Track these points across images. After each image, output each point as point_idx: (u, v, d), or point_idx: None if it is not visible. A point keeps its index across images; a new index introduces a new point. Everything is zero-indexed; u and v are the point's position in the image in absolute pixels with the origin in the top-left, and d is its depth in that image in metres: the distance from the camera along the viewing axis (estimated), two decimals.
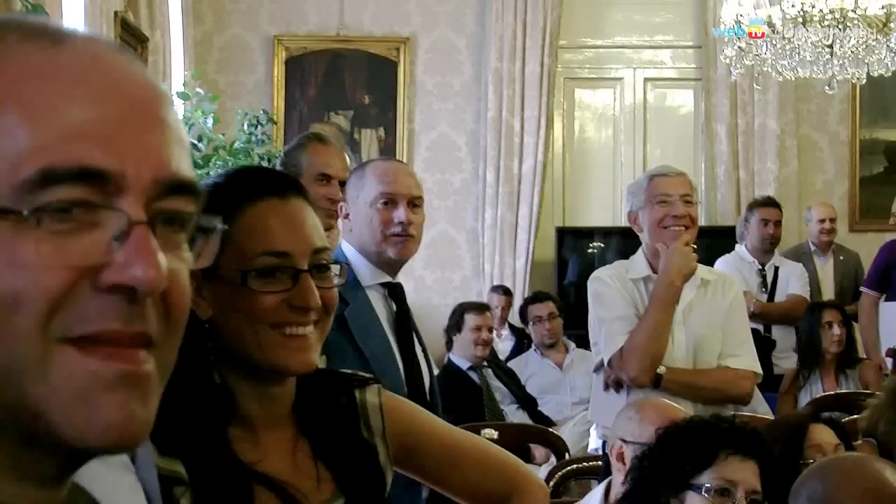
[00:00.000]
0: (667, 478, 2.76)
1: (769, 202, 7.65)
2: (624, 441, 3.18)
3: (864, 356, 6.56)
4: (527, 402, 6.72)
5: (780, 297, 7.27)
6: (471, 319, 6.64)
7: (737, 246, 7.47)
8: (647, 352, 4.18)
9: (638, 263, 4.40)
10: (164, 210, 0.86)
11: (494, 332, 7.64)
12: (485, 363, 6.76)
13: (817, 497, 2.23)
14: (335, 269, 1.80)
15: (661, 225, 4.21)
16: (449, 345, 6.82)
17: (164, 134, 0.87)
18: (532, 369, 7.17)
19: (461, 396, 6.32)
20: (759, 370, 4.47)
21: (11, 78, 0.84)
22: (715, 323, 4.39)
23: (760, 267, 7.31)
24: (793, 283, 7.37)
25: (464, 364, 6.64)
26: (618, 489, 3.15)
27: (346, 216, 3.57)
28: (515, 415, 6.60)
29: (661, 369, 4.25)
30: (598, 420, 4.77)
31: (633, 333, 4.21)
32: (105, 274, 0.83)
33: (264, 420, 1.82)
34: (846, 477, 2.27)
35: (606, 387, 4.34)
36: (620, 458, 3.17)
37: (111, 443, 0.86)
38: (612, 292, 4.39)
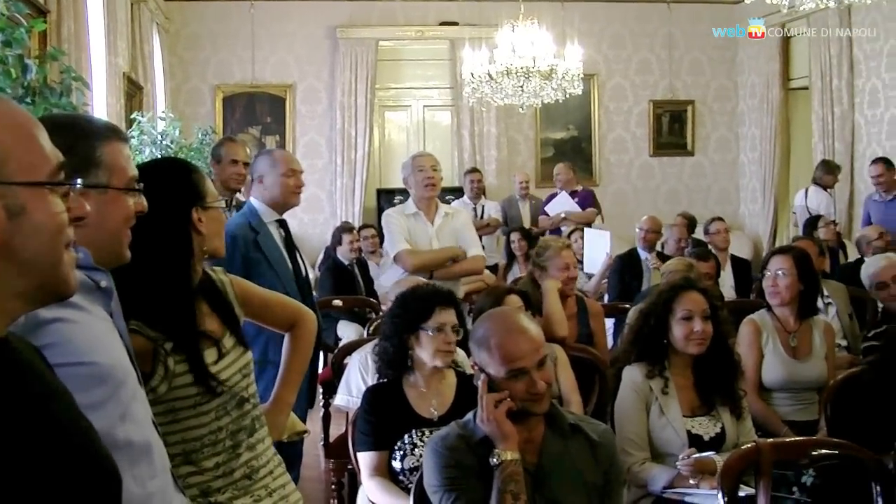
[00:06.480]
0: (407, 325, 3.29)
1: (474, 170, 10.02)
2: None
3: None
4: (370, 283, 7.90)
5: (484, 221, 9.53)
6: (346, 237, 8.12)
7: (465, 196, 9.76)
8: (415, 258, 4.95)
9: (410, 206, 5.19)
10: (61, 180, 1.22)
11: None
12: (355, 261, 8.09)
13: (481, 334, 2.63)
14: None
15: (421, 183, 5.06)
16: (334, 249, 8.21)
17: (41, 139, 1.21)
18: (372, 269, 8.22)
19: (341, 279, 7.94)
20: (485, 255, 5.42)
21: None
22: (454, 234, 5.10)
23: (474, 206, 9.73)
24: (492, 214, 9.79)
25: (345, 261, 8.10)
26: None
27: (260, 181, 4.01)
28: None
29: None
30: (384, 283, 5.59)
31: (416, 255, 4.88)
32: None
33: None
34: (495, 320, 2.66)
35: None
36: None
37: (72, 293, 1.24)
38: (395, 220, 5.15)
